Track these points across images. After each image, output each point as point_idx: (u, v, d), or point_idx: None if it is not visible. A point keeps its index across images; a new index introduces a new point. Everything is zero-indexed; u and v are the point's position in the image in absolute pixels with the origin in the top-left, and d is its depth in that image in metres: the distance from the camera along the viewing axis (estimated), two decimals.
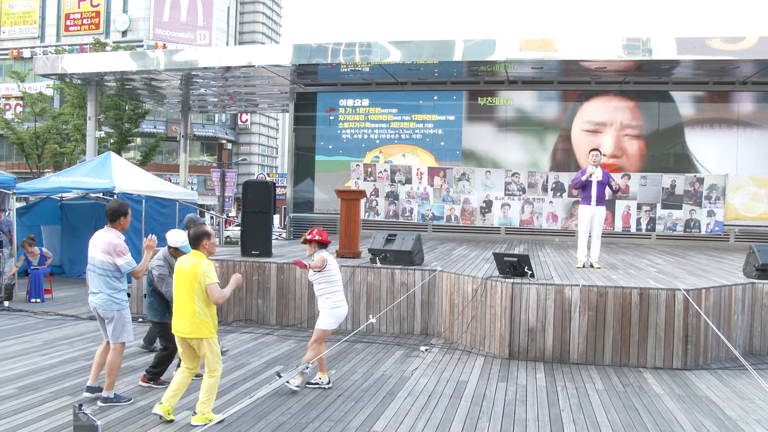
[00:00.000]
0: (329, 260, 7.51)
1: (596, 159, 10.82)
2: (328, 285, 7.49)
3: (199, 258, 6.27)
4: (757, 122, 17.52)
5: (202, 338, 6.24)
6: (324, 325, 7.43)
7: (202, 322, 6.20)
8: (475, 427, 6.33)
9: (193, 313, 6.17)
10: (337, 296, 7.52)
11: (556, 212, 15.23)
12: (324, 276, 7.46)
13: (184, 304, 6.22)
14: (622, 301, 8.83)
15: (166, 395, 6.33)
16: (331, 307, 7.44)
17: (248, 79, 19.84)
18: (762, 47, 14.80)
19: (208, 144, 69.59)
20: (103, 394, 6.73)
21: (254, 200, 12.02)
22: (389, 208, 16.04)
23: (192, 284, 6.18)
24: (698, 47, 15.14)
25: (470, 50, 16.04)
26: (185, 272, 6.23)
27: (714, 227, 14.70)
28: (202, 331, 6.22)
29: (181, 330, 6.27)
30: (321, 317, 7.49)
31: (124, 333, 6.86)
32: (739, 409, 7.03)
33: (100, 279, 6.79)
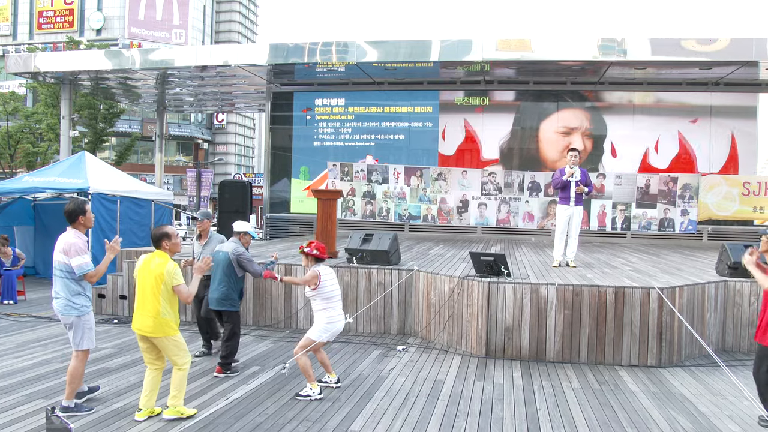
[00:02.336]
0: (323, 275, 7.31)
1: (575, 159, 10.90)
2: (325, 301, 7.31)
3: (164, 259, 6.26)
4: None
5: (165, 336, 6.24)
6: (314, 336, 7.26)
7: (166, 322, 6.21)
8: (452, 426, 6.34)
9: (157, 313, 6.17)
10: (333, 311, 7.35)
11: (532, 212, 15.31)
12: (319, 293, 7.29)
13: (148, 304, 6.19)
14: (597, 300, 8.89)
15: (142, 400, 6.31)
16: (326, 321, 7.30)
17: (224, 78, 19.73)
18: (734, 49, 15.00)
19: (184, 144, 69.08)
20: (63, 402, 6.50)
21: (230, 200, 11.99)
22: (366, 208, 16.03)
23: (158, 284, 6.17)
24: (672, 48, 15.30)
25: (447, 50, 16.07)
26: (150, 272, 6.22)
27: (687, 226, 14.86)
28: (165, 329, 6.22)
29: (143, 328, 6.23)
30: (314, 327, 7.34)
31: (84, 340, 6.61)
32: (712, 406, 7.11)
33: (60, 282, 6.59)
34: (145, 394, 6.33)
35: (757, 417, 6.49)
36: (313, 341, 7.26)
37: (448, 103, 19.03)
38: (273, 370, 7.87)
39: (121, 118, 40.73)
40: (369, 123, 19.43)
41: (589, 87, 18.46)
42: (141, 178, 32.53)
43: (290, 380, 7.75)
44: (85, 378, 6.96)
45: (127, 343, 9.59)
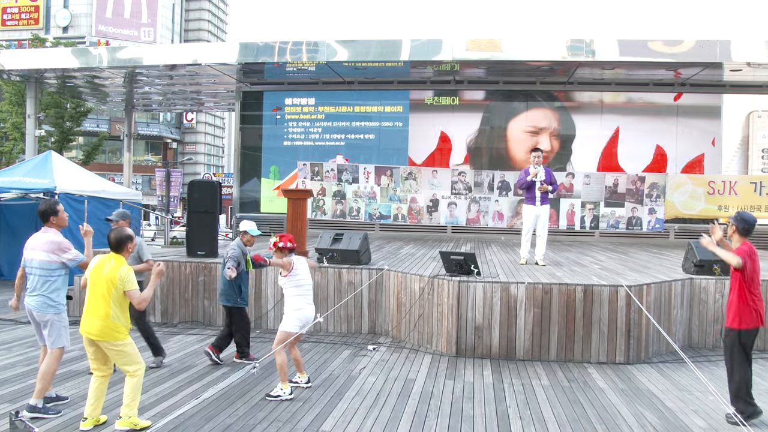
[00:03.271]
0: (296, 263, 7.44)
1: (538, 159, 11.01)
2: (297, 289, 7.39)
3: (118, 263, 6.11)
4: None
5: (113, 341, 6.03)
6: (285, 327, 7.32)
7: (114, 326, 6.01)
8: (423, 425, 6.35)
9: (106, 317, 5.98)
10: (303, 300, 7.42)
11: (502, 211, 15.39)
12: (291, 280, 7.37)
13: (98, 307, 6.02)
14: (566, 298, 8.97)
15: (87, 410, 6.12)
16: (294, 309, 7.35)
17: (194, 77, 19.55)
18: (699, 50, 15.22)
19: (152, 143, 68.44)
20: (30, 401, 6.39)
21: (199, 200, 11.86)
22: (336, 208, 16.00)
23: (109, 288, 6.00)
24: (640, 49, 15.47)
25: (417, 50, 16.07)
26: (103, 276, 6.05)
27: (655, 225, 15.05)
28: (113, 334, 6.02)
29: (90, 331, 6.04)
30: (285, 319, 7.39)
31: (60, 338, 6.60)
32: (679, 401, 7.22)
33: (39, 280, 6.57)
34: (90, 403, 6.12)
35: (725, 414, 6.56)
36: (288, 333, 7.29)
37: (418, 103, 19.06)
38: (243, 370, 7.81)
39: (89, 117, 40.18)
40: (339, 122, 19.39)
41: (558, 87, 18.60)
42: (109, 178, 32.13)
43: (261, 380, 7.73)
44: (53, 380, 6.86)
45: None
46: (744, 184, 15.37)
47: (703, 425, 6.46)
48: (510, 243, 15.76)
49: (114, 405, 6.53)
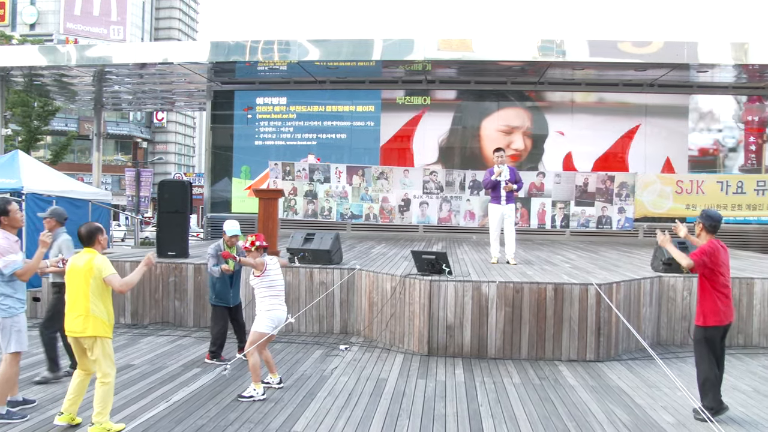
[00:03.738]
0: (269, 264, 7.46)
1: (501, 158, 11.10)
2: (267, 289, 7.41)
3: (91, 254, 6.06)
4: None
5: (95, 337, 5.95)
6: (258, 328, 7.31)
7: (96, 320, 5.94)
8: (395, 425, 6.35)
9: (87, 311, 5.91)
10: (275, 301, 7.43)
11: (473, 210, 15.45)
12: (263, 281, 7.39)
13: (78, 303, 5.95)
14: (537, 297, 9.02)
15: (65, 404, 6.08)
16: (266, 309, 7.35)
17: (164, 76, 19.35)
18: (667, 52, 15.42)
19: (122, 143, 67.74)
20: None
21: (170, 200, 11.77)
22: (308, 207, 15.95)
23: (87, 281, 5.93)
24: (609, 50, 15.63)
25: (389, 49, 16.07)
26: (79, 270, 5.98)
27: (624, 223, 15.20)
28: (96, 329, 5.94)
29: (73, 330, 5.98)
30: (257, 320, 7.38)
31: (12, 342, 6.36)
32: (648, 398, 7.30)
33: None
34: (69, 398, 6.07)
35: (692, 410, 6.64)
36: (261, 334, 7.28)
37: (390, 102, 19.06)
38: (214, 371, 7.76)
39: (57, 116, 39.68)
40: (311, 122, 19.32)
41: (529, 87, 18.71)
42: (78, 178, 31.70)
43: (232, 382, 7.67)
44: (20, 384, 6.75)
45: (61, 348, 9.33)
46: (711, 183, 15.59)
47: (671, 421, 6.54)
48: (481, 242, 15.81)
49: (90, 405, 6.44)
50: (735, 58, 15.36)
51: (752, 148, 18.38)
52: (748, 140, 18.42)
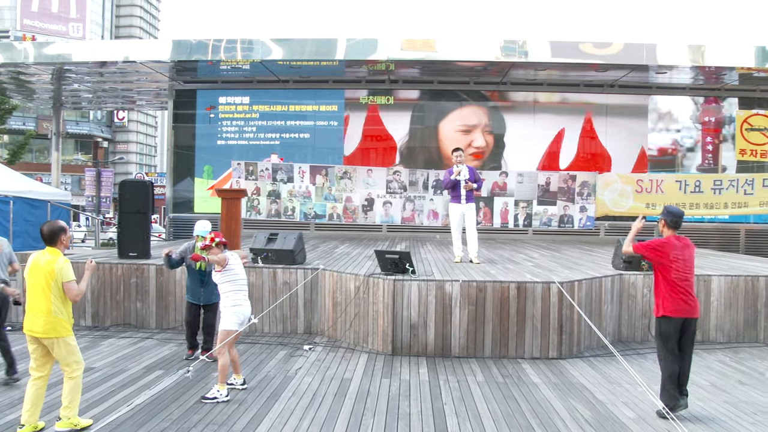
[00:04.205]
0: (231, 259, 7.45)
1: (460, 158, 11.18)
2: (231, 284, 7.39)
3: (54, 255, 6.03)
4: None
5: (57, 337, 5.96)
6: (226, 326, 7.28)
7: (57, 321, 5.95)
8: (359, 424, 6.35)
9: (48, 312, 5.90)
10: (239, 295, 7.42)
11: (436, 209, 15.51)
12: (225, 276, 7.37)
13: (39, 303, 5.93)
14: (500, 295, 9.08)
15: (24, 416, 5.97)
16: (231, 305, 7.32)
17: (125, 75, 19.08)
18: (627, 53, 15.66)
19: (82, 142, 66.67)
20: None
21: (131, 200, 11.64)
22: (271, 207, 15.86)
23: (48, 282, 5.92)
24: (571, 51, 15.81)
25: (352, 49, 16.07)
26: (40, 269, 5.96)
27: (586, 222, 15.38)
28: (57, 330, 5.95)
29: (34, 329, 5.95)
30: (223, 318, 7.36)
31: None
32: (609, 394, 7.40)
33: None
34: (27, 409, 5.96)
35: (655, 411, 6.70)
36: (229, 332, 7.24)
37: (353, 102, 19.05)
38: (177, 373, 7.69)
39: (14, 115, 38.90)
40: (274, 121, 19.22)
41: (492, 87, 18.82)
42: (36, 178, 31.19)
43: (195, 383, 7.60)
44: None
45: (23, 350, 9.15)
46: (670, 182, 15.84)
47: (632, 416, 6.63)
48: (445, 241, 15.86)
49: (52, 408, 6.35)
50: (692, 60, 15.68)
51: (709, 148, 18.74)
52: (705, 140, 18.77)
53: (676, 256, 6.66)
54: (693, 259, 6.80)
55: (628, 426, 6.36)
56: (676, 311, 6.58)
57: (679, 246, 6.71)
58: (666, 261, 6.66)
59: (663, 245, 6.73)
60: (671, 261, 6.65)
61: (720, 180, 15.96)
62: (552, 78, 18.28)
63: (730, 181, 15.76)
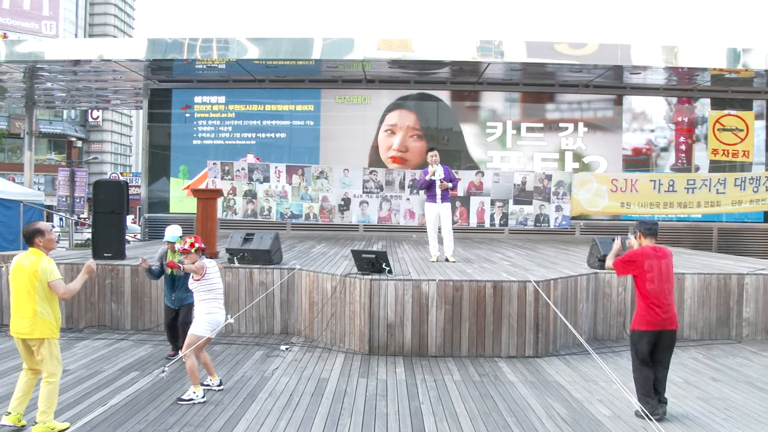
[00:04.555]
0: (208, 267, 7.39)
1: (435, 158, 11.24)
2: (208, 293, 7.33)
3: (38, 256, 6.02)
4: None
5: (42, 339, 5.96)
6: (196, 331, 7.22)
7: (44, 322, 5.95)
8: (336, 424, 6.35)
9: (34, 313, 5.91)
10: (214, 304, 7.36)
11: (413, 209, 15.52)
12: (203, 284, 7.32)
13: (24, 304, 5.93)
14: (476, 294, 9.12)
15: (12, 404, 6.02)
16: (205, 312, 7.28)
17: (99, 73, 18.89)
18: (601, 53, 15.80)
19: (56, 141, 65.84)
20: None
21: (106, 200, 11.55)
22: (247, 207, 15.79)
23: (32, 283, 5.92)
24: (546, 51, 15.92)
25: (328, 48, 16.05)
26: (24, 270, 5.96)
27: (561, 221, 15.48)
28: (43, 331, 5.95)
29: (20, 331, 5.96)
30: (195, 323, 7.31)
31: None
32: (585, 391, 7.46)
33: None
34: (17, 397, 6.03)
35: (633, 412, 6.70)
36: (198, 337, 7.18)
37: (330, 101, 19.01)
38: (152, 374, 7.63)
39: None
40: (250, 121, 19.13)
41: (468, 87, 18.88)
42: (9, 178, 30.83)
43: (171, 385, 7.56)
44: None
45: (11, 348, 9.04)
46: (644, 181, 15.97)
47: (607, 413, 6.69)
48: (421, 241, 15.89)
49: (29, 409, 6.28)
50: (666, 60, 15.87)
51: (682, 147, 18.94)
52: (679, 140, 18.96)
53: (650, 266, 6.61)
54: (670, 269, 6.73)
55: (604, 423, 6.42)
56: (649, 324, 6.56)
57: (654, 255, 6.66)
58: (641, 272, 6.63)
59: (635, 255, 6.70)
60: (646, 271, 6.60)
61: (693, 179, 16.13)
62: (527, 78, 18.37)
63: (703, 181, 15.94)
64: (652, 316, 6.55)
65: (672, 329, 6.65)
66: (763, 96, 18.96)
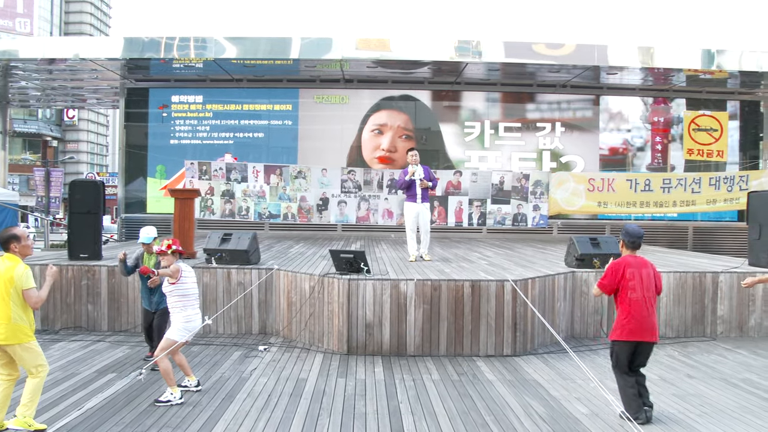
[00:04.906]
0: (184, 271, 7.34)
1: (415, 158, 11.26)
2: (182, 298, 7.29)
3: (14, 262, 5.98)
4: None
5: (19, 343, 5.93)
6: (173, 335, 7.18)
7: (18, 328, 5.91)
8: (315, 424, 6.34)
9: (8, 319, 5.86)
10: (191, 311, 7.32)
11: (391, 209, 15.54)
12: (178, 288, 7.28)
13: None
14: (455, 294, 9.14)
15: None
16: (183, 321, 7.23)
17: (75, 72, 18.69)
18: (579, 54, 15.91)
19: (31, 141, 65.11)
20: None
21: (82, 201, 11.44)
22: (225, 207, 15.72)
23: (6, 289, 5.87)
24: (524, 51, 15.99)
25: (306, 48, 16.00)
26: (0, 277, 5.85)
27: (539, 221, 15.57)
28: (18, 336, 5.92)
29: None
30: (172, 327, 7.26)
31: None
32: (563, 389, 7.51)
33: None
34: None
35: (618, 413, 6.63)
36: (173, 341, 7.13)
37: (308, 101, 18.96)
38: (129, 376, 7.58)
39: None
40: (228, 121, 19.03)
41: (446, 87, 18.91)
42: None
43: (148, 386, 7.51)
44: None
45: None
46: (621, 181, 16.10)
47: (585, 411, 6.74)
48: (399, 240, 15.91)
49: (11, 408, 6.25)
50: (642, 61, 16.00)
51: (658, 147, 19.11)
52: (655, 140, 19.13)
53: (632, 274, 6.49)
54: (651, 279, 6.59)
55: (581, 421, 6.46)
56: (630, 334, 6.42)
57: (634, 264, 6.57)
58: (623, 280, 6.48)
59: (617, 265, 6.57)
60: (628, 279, 6.47)
61: (669, 179, 16.29)
62: (505, 78, 18.44)
63: (679, 180, 16.11)
64: (634, 325, 6.41)
65: (651, 342, 6.52)
66: (736, 97, 19.19)
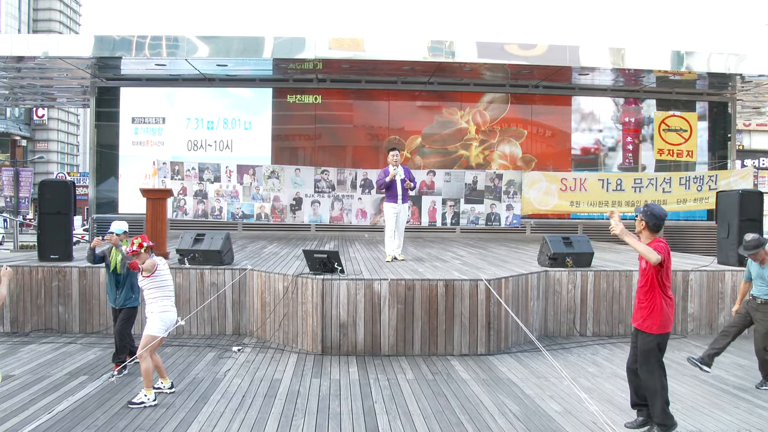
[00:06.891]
0: (159, 264, 7.35)
1: (396, 158, 11.25)
2: (158, 290, 7.28)
3: None
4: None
5: None
6: (151, 331, 7.16)
7: None
8: (290, 425, 6.32)
9: None
10: (167, 302, 7.32)
11: (365, 208, 15.55)
12: (153, 281, 7.26)
13: None
14: (428, 293, 9.17)
15: None
16: (160, 311, 7.23)
17: (44, 71, 18.44)
18: (551, 54, 16.04)
19: None
20: None
21: (52, 201, 11.30)
22: (198, 207, 15.62)
23: None
24: (497, 51, 16.07)
25: (280, 47, 15.95)
26: None
27: (512, 220, 15.66)
28: None
29: None
30: (149, 323, 7.23)
31: None
32: (536, 388, 7.56)
33: None
34: None
35: None
36: (153, 337, 7.14)
37: (281, 101, 18.89)
38: (101, 378, 7.50)
39: None
40: (200, 120, 18.88)
41: (420, 87, 18.95)
42: None
43: (121, 388, 7.45)
44: None
45: None
46: (593, 180, 16.23)
47: (558, 409, 6.80)
48: (373, 240, 15.93)
49: None
50: (613, 62, 16.17)
51: (629, 147, 19.33)
52: (626, 140, 19.35)
53: (670, 259, 6.00)
54: None
55: (555, 419, 6.52)
56: (667, 324, 6.03)
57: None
58: (668, 261, 5.92)
59: (664, 244, 5.92)
60: (668, 267, 5.97)
61: (640, 179, 16.46)
62: (478, 78, 18.53)
63: (650, 180, 16.28)
64: (671, 316, 6.01)
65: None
66: (705, 98, 19.48)
